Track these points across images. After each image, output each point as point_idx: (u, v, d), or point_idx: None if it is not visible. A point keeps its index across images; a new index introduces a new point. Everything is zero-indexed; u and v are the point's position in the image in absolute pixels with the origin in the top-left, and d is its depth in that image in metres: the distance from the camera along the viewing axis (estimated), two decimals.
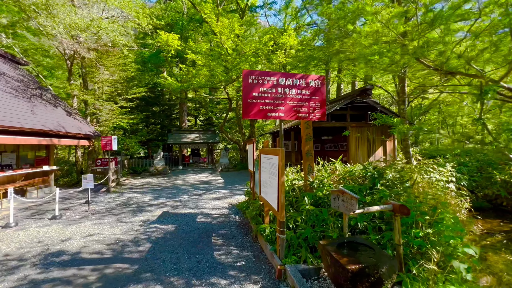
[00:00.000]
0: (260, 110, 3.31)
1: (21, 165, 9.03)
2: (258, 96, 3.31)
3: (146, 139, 22.22)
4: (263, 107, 3.32)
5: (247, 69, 3.17)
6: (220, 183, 11.84)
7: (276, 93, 3.36)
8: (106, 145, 9.84)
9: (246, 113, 3.27)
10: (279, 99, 3.37)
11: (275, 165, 3.36)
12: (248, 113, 3.26)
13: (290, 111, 3.43)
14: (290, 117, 3.44)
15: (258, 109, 3.30)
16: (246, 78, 3.29)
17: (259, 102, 3.30)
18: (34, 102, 9.13)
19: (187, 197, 8.64)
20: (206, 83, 12.66)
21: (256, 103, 3.29)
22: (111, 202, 7.99)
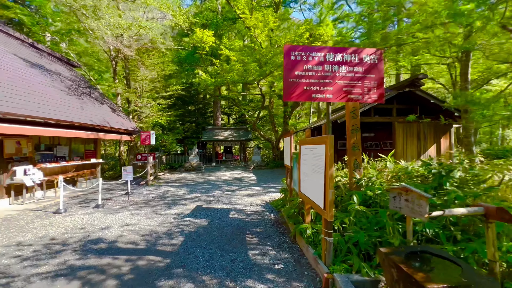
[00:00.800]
0: (304, 91, 2.85)
1: (72, 157, 9.82)
2: (302, 75, 2.85)
3: (182, 137, 23.09)
4: (308, 87, 2.86)
5: (289, 44, 2.78)
6: (252, 180, 11.57)
7: (323, 71, 2.86)
8: (145, 139, 10.23)
9: (288, 94, 2.84)
10: (327, 78, 2.87)
11: (321, 155, 2.87)
12: (289, 95, 2.83)
13: (340, 92, 2.90)
14: (340, 99, 2.92)
15: (302, 90, 2.85)
16: (288, 55, 2.85)
17: (302, 82, 2.84)
18: (84, 99, 9.85)
19: (220, 192, 8.51)
20: (240, 79, 12.52)
21: (299, 83, 2.84)
22: (148, 195, 8.20)
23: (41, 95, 7.47)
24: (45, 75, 8.91)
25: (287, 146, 5.45)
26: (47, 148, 8.63)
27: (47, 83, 8.48)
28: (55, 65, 10.78)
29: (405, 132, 10.33)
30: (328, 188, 2.71)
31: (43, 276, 3.04)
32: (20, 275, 3.06)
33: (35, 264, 3.33)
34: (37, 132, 6.64)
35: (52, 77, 9.17)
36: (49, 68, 9.82)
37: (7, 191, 7.10)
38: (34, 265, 3.32)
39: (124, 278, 2.98)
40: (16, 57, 8.28)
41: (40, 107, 6.88)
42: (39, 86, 7.81)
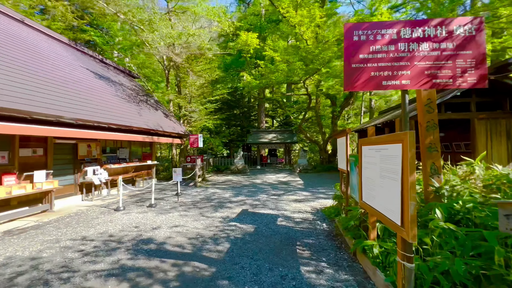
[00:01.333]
0: (371, 79, 2.30)
1: (132, 159, 10.77)
2: (368, 58, 2.31)
3: (228, 140, 23.74)
4: (376, 73, 2.29)
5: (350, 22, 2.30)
6: (299, 184, 10.97)
7: (397, 52, 2.26)
8: (194, 142, 10.61)
9: (350, 83, 2.32)
10: (402, 59, 2.25)
11: (395, 158, 2.27)
12: (352, 84, 2.31)
13: (420, 77, 2.25)
14: (421, 85, 2.27)
15: (368, 77, 2.29)
16: (350, 35, 2.34)
17: (369, 67, 2.30)
18: (141, 106, 10.75)
19: (266, 196, 8.19)
20: (284, 79, 12.12)
21: (364, 68, 2.30)
22: (196, 196, 8.38)
23: (107, 103, 8.32)
24: (110, 85, 9.98)
25: (341, 147, 4.82)
26: (111, 150, 9.61)
27: (112, 92, 9.47)
28: (118, 77, 12.08)
29: (489, 130, 8.47)
30: (407, 199, 2.09)
31: (97, 274, 3.12)
32: (79, 271, 3.20)
33: (92, 261, 3.48)
34: (102, 136, 7.37)
35: (116, 87, 10.24)
36: (114, 80, 11.02)
37: (80, 188, 8.06)
38: (92, 261, 3.47)
39: (170, 286, 2.85)
40: (87, 70, 9.48)
41: (105, 113, 7.64)
42: (105, 95, 8.75)
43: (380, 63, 2.31)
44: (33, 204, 6.52)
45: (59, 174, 7.41)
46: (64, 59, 8.71)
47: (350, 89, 2.38)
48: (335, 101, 15.66)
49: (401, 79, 2.30)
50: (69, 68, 8.36)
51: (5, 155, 5.95)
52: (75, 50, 10.67)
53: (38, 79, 6.31)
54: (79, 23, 14.84)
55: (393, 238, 3.12)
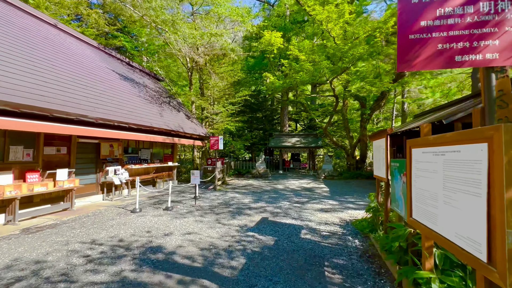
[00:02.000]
0: (438, 53, 1.65)
1: (153, 160, 10.76)
2: (433, 25, 1.67)
3: (250, 143, 23.41)
4: (446, 45, 1.64)
5: None
6: (325, 191, 10.15)
7: (477, 14, 1.60)
8: (214, 144, 10.33)
9: (406, 61, 1.68)
10: (486, 25, 1.60)
11: (474, 164, 1.60)
12: (409, 61, 1.67)
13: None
14: None
15: (434, 52, 1.65)
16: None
17: (435, 37, 1.66)
18: (163, 107, 10.75)
19: (288, 204, 7.55)
20: (310, 78, 11.44)
21: (428, 39, 1.66)
22: (214, 200, 8.00)
23: (129, 103, 8.33)
24: (134, 86, 10.10)
25: (378, 151, 4.09)
26: (133, 151, 9.65)
27: (135, 93, 9.54)
28: (143, 79, 12.29)
29: None
30: (502, 225, 1.41)
31: (96, 287, 2.77)
32: (77, 282, 2.87)
33: (94, 270, 3.16)
34: (122, 136, 7.31)
35: (139, 88, 10.35)
36: (138, 81, 11.19)
37: (101, 188, 8.09)
38: (93, 270, 3.15)
39: None
40: (113, 72, 9.67)
41: (126, 113, 7.60)
42: (128, 95, 8.80)
43: (451, 32, 1.66)
44: (55, 202, 6.57)
45: (82, 173, 7.47)
46: (91, 61, 8.94)
47: (406, 69, 1.75)
48: (365, 103, 14.56)
49: (484, 52, 1.63)
50: (95, 69, 8.53)
51: (30, 153, 6.04)
52: (103, 53, 11.03)
53: (64, 78, 6.40)
54: (110, 29, 15.55)
55: (458, 270, 2.37)
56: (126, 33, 19.10)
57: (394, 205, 3.33)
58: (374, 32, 9.69)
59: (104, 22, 14.28)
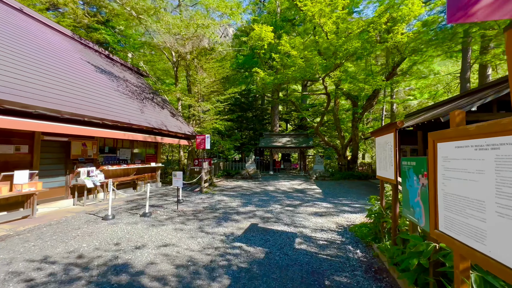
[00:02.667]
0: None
1: (134, 161, 9.94)
2: None
3: (240, 143, 22.76)
4: None
5: None
6: (317, 193, 9.66)
7: None
8: (200, 144, 9.64)
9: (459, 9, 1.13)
10: None
11: None
12: (465, 9, 1.10)
13: None
14: None
15: None
16: None
17: None
18: (145, 103, 9.95)
19: (280, 207, 6.98)
20: (302, 75, 10.93)
21: None
22: (199, 204, 7.31)
23: (105, 98, 7.53)
24: (112, 80, 9.26)
25: (384, 148, 3.58)
26: (111, 150, 8.81)
27: (113, 87, 8.71)
28: (124, 73, 11.43)
29: None
30: None
31: None
32: None
33: None
34: (94, 133, 6.51)
35: (118, 83, 9.52)
36: (118, 75, 10.34)
37: (72, 191, 7.23)
38: None
39: None
40: (88, 63, 8.80)
41: (101, 108, 6.81)
42: (104, 89, 7.98)
43: None
44: (13, 208, 5.70)
45: (48, 175, 6.61)
46: (63, 49, 8.06)
47: (460, 20, 1.21)
48: (357, 102, 14.25)
49: None
50: (67, 58, 7.68)
51: None
52: (78, 43, 10.11)
53: (24, 64, 5.56)
54: (89, 20, 14.53)
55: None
56: (110, 27, 18.07)
57: (407, 212, 2.80)
58: (368, 27, 9.31)
59: (83, 12, 13.27)
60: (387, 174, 3.39)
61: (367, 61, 12.37)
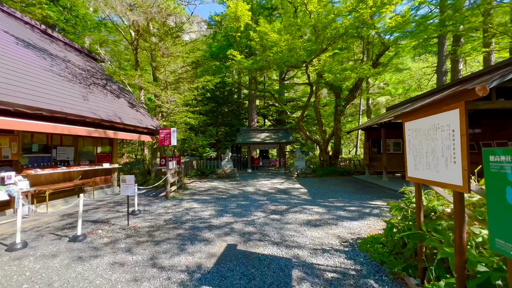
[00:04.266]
0: None
1: (79, 162, 7.94)
2: None
3: (216, 140, 21.06)
4: None
5: None
6: (303, 194, 8.50)
7: None
8: (164, 139, 7.94)
9: None
10: None
11: None
12: None
13: None
14: None
15: None
16: None
17: None
18: (92, 90, 7.96)
19: (263, 215, 5.63)
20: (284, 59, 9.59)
21: None
22: (161, 215, 5.70)
23: (30, 78, 5.54)
24: (45, 58, 7.17)
25: (430, 136, 2.35)
26: (43, 149, 6.78)
27: (44, 67, 6.66)
28: (67, 53, 9.24)
29: None
30: None
31: None
32: None
33: None
34: (6, 125, 4.59)
35: (53, 62, 7.43)
36: (57, 54, 8.19)
37: None
38: None
39: None
40: (7, 34, 6.64)
41: (19, 91, 4.87)
42: (30, 67, 5.95)
43: None
44: None
45: None
46: None
47: None
48: (340, 93, 13.38)
49: None
50: None
51: None
52: None
53: None
54: None
55: None
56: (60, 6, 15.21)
57: (501, 246, 1.59)
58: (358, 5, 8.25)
59: None
60: (441, 176, 2.17)
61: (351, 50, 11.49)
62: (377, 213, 5.71)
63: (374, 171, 13.42)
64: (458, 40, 16.73)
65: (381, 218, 5.24)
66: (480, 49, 13.89)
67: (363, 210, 5.96)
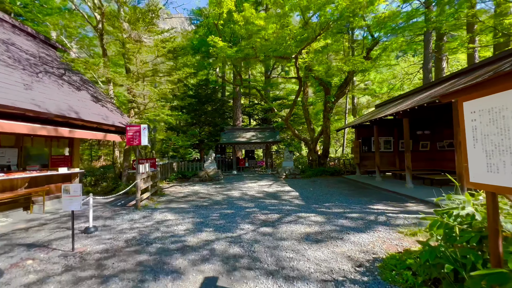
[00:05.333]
0: None
1: (25, 166, 6.52)
2: None
3: (198, 140, 19.74)
4: None
5: None
6: (295, 198, 7.59)
7: None
8: (133, 138, 6.72)
9: None
10: None
11: None
12: None
13: None
14: None
15: None
16: None
17: None
18: (42, 78, 6.58)
19: (252, 229, 4.62)
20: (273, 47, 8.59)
21: None
22: (123, 233, 4.52)
23: None
24: None
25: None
26: None
27: None
28: (13, 37, 7.72)
29: None
30: None
31: None
32: None
33: None
34: None
35: None
36: None
37: None
38: None
39: None
40: None
41: None
42: None
43: None
44: None
45: None
46: None
47: None
48: (330, 89, 12.67)
49: None
50: None
51: None
52: None
53: None
54: None
55: None
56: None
57: None
58: None
59: None
60: None
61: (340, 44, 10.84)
62: (384, 220, 4.90)
63: (365, 171, 12.86)
64: (441, 39, 16.86)
65: (391, 228, 4.41)
66: (466, 45, 13.79)
67: (367, 217, 5.13)
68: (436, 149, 12.23)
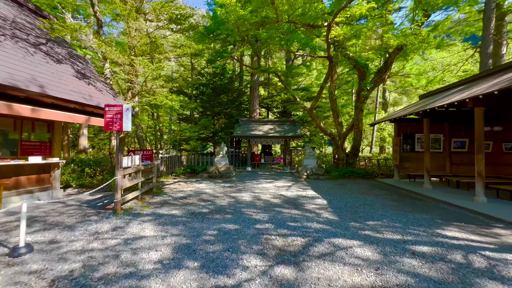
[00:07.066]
0: None
1: None
2: None
3: (212, 132, 18.26)
4: None
5: None
6: (323, 208, 5.68)
7: None
8: (112, 122, 5.15)
9: None
10: None
11: None
12: None
13: None
14: None
15: None
16: None
17: None
18: (1, 41, 5.18)
19: (261, 269, 2.83)
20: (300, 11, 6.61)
21: None
22: (62, 262, 2.93)
23: None
24: None
25: None
26: None
27: None
28: None
29: None
30: None
31: None
32: None
33: None
34: None
35: None
36: None
37: None
38: None
39: None
40: None
41: None
42: None
43: None
44: None
45: None
46: None
47: None
48: (366, 73, 10.41)
49: None
50: None
51: None
52: None
53: None
54: None
55: None
56: None
57: None
58: None
59: None
60: None
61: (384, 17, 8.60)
62: (486, 266, 2.89)
63: (405, 174, 10.55)
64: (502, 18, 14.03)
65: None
66: None
67: (450, 257, 3.14)
68: (502, 151, 9.63)
